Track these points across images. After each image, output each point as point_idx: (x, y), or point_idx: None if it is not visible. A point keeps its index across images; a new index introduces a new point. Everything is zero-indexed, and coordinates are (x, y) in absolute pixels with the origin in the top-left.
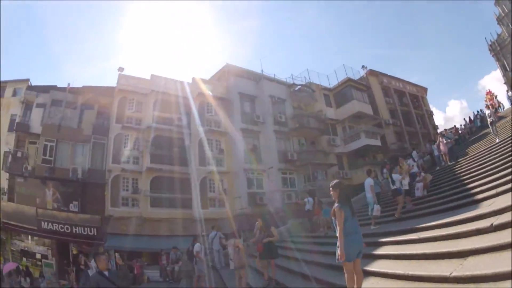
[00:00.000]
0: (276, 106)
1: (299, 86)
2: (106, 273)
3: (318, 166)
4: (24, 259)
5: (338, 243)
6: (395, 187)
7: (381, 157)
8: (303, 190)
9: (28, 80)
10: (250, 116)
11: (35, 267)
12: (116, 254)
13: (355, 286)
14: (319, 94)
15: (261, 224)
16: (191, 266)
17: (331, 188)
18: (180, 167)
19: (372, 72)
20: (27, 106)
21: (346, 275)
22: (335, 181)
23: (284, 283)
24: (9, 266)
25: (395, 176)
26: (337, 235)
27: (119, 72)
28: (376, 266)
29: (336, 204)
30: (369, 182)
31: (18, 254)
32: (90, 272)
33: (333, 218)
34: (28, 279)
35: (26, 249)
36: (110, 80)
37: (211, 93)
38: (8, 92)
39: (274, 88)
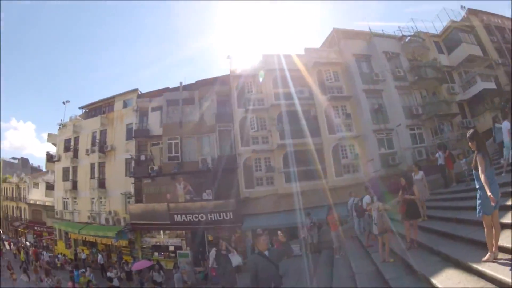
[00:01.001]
0: (392, 61)
1: (408, 37)
2: (266, 253)
3: (443, 117)
4: (156, 253)
5: (478, 196)
6: None
7: (498, 100)
8: (431, 145)
9: (137, 89)
10: (369, 75)
11: (168, 259)
12: (278, 231)
13: (494, 240)
14: (429, 42)
15: (404, 183)
16: (329, 236)
17: (468, 139)
18: (310, 139)
19: (471, 11)
20: (142, 113)
21: (485, 230)
22: (471, 131)
23: (426, 243)
24: (141, 264)
25: None
26: (478, 187)
27: (229, 59)
28: None
29: (477, 153)
30: (506, 126)
31: (149, 250)
32: (231, 256)
33: (474, 170)
34: (161, 272)
35: (157, 244)
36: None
37: (326, 60)
38: (118, 105)
39: (386, 43)
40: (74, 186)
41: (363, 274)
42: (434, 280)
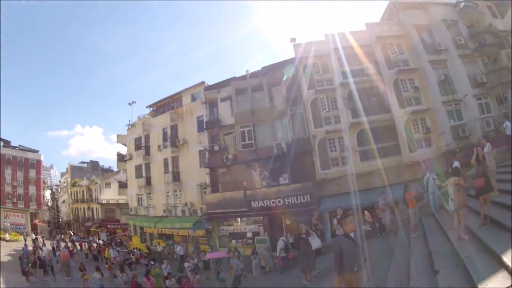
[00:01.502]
0: (451, 29)
1: (463, 3)
2: (352, 234)
3: (507, 85)
4: (233, 241)
5: None
6: None
7: None
8: (498, 114)
9: (203, 82)
10: (432, 46)
11: (246, 246)
12: (365, 211)
13: None
14: (482, 6)
15: (481, 153)
16: (406, 214)
17: None
18: (381, 115)
19: None
20: (211, 104)
21: None
22: None
23: (499, 220)
24: (216, 254)
25: None
26: None
27: (292, 42)
28: None
29: None
30: None
31: (226, 238)
32: (311, 240)
33: None
34: (240, 259)
35: (235, 231)
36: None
37: (388, 34)
38: (187, 99)
39: (443, 11)
40: (148, 182)
41: (438, 253)
42: (505, 258)
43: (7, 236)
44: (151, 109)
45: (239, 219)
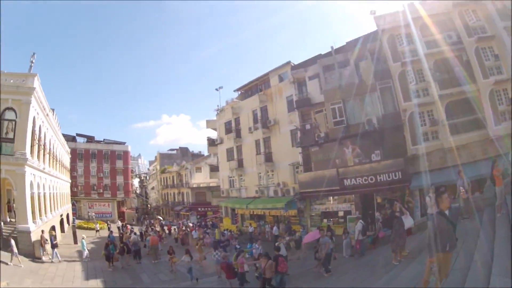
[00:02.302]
0: None
1: None
2: (447, 212)
3: None
4: (325, 220)
5: None
6: None
7: None
8: None
9: (289, 62)
10: (503, 11)
11: (337, 225)
12: (461, 187)
13: None
14: None
15: None
16: (492, 192)
17: None
18: (465, 86)
19: None
20: (299, 84)
21: None
22: None
23: None
24: (312, 236)
25: None
26: None
27: (372, 15)
28: None
29: None
30: None
31: (318, 217)
32: (405, 219)
33: None
34: (333, 239)
35: (327, 210)
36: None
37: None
38: (274, 80)
39: None
40: (240, 164)
41: None
42: None
43: (97, 226)
44: (239, 93)
45: (331, 197)
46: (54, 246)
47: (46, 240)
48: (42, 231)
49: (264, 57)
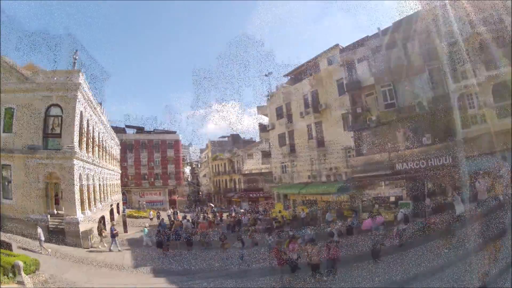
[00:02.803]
0: None
1: None
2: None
3: None
4: (376, 205)
5: None
6: None
7: None
8: None
9: (338, 45)
10: None
11: (388, 211)
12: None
13: None
14: None
15: None
16: None
17: None
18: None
19: None
20: (348, 66)
21: None
22: None
23: None
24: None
25: None
26: None
27: None
28: None
29: None
30: None
31: (369, 202)
32: (456, 204)
33: None
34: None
35: (378, 195)
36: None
37: None
38: (323, 64)
39: None
40: (292, 149)
41: None
42: None
43: (151, 214)
44: (288, 78)
45: (382, 182)
46: (114, 235)
47: (104, 228)
48: (100, 220)
49: (311, 42)
